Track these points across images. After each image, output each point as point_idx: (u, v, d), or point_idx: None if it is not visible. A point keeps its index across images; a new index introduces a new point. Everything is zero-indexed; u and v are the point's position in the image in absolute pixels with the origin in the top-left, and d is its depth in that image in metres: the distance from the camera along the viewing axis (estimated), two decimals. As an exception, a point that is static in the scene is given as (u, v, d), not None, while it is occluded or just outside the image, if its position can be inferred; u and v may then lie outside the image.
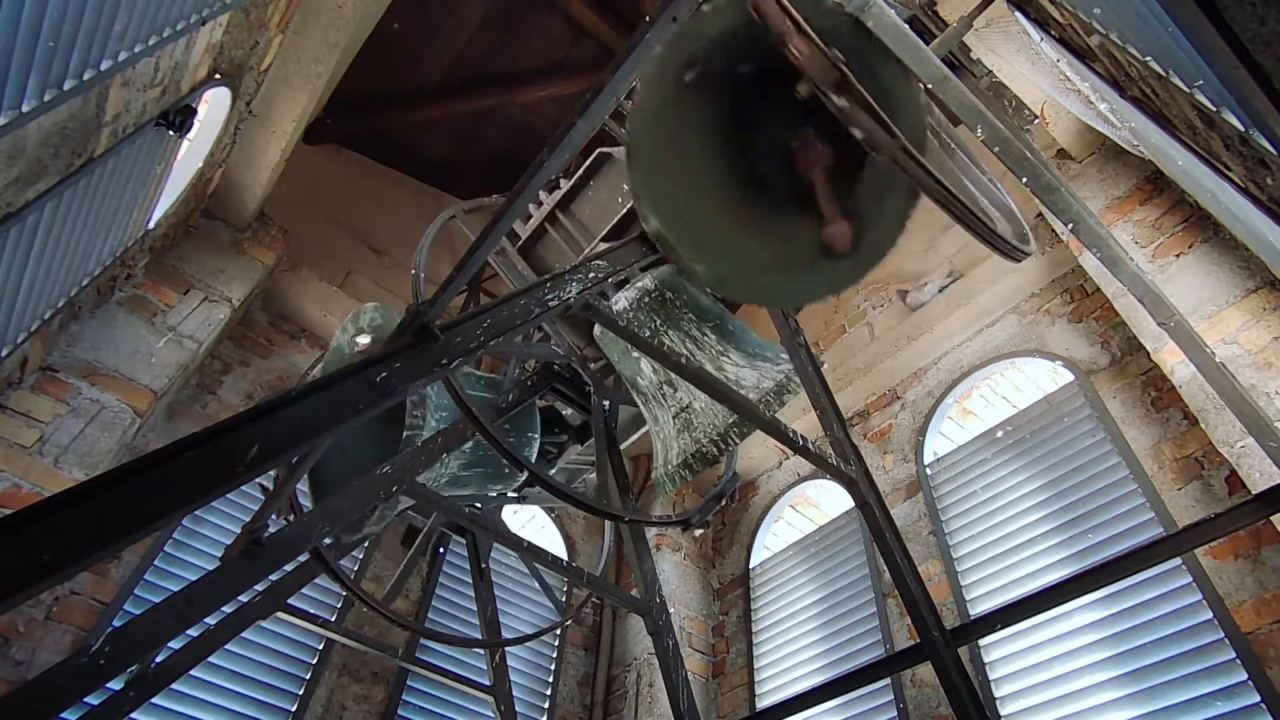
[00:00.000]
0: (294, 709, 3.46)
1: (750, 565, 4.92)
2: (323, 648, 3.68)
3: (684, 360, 1.87)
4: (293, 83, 3.68)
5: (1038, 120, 2.33)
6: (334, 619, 3.72)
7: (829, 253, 1.47)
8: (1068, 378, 3.76)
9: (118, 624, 2.98)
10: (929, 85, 1.44)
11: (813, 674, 3.96)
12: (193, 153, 3.54)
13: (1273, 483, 1.57)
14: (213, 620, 1.98)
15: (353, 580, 3.87)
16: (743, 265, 1.62)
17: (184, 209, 3.85)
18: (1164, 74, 1.54)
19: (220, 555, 1.75)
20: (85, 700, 1.57)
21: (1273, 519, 2.47)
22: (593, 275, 1.76)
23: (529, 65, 5.50)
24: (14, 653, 2.87)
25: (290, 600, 2.42)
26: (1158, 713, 2.61)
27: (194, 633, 1.99)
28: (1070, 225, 1.57)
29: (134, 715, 2.01)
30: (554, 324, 2.78)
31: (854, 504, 2.22)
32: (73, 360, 3.30)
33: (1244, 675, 2.47)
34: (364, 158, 5.74)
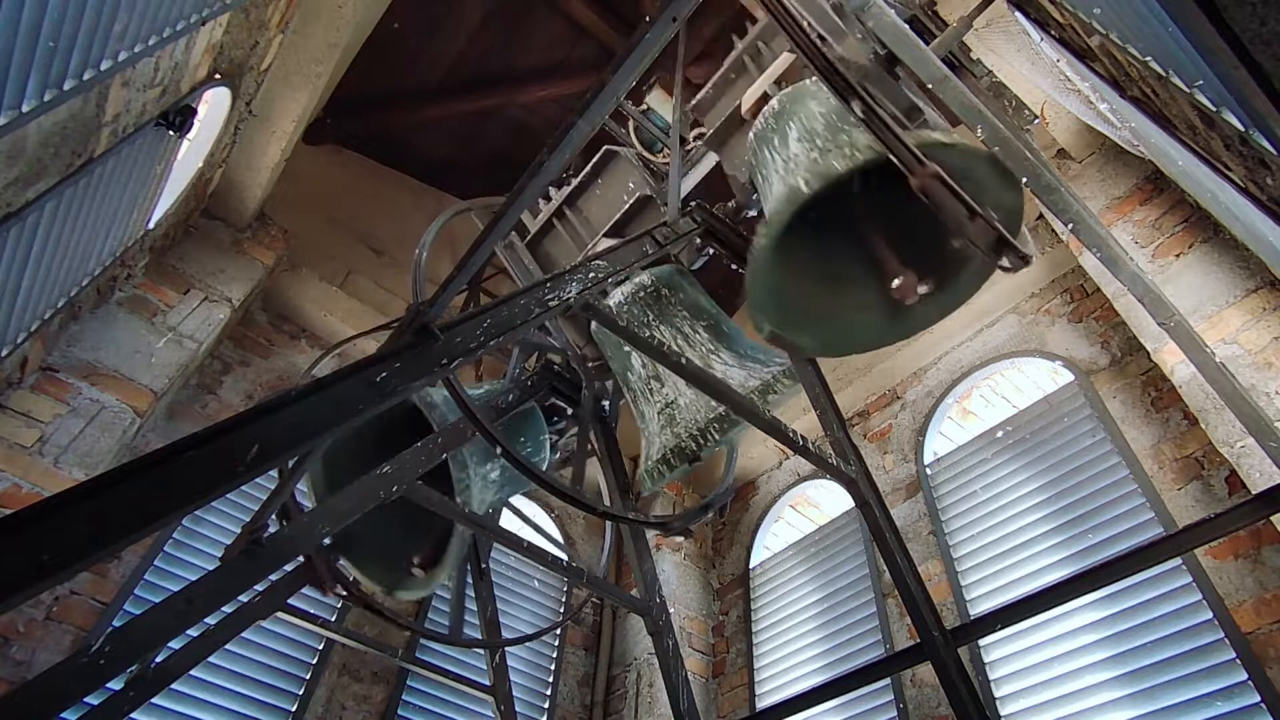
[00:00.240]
0: (294, 709, 3.46)
1: (750, 565, 4.92)
2: (323, 648, 3.67)
3: (680, 360, 1.86)
4: (293, 83, 3.68)
5: (1038, 120, 2.33)
6: (334, 619, 3.71)
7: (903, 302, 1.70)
8: (1068, 378, 3.76)
9: (118, 624, 2.97)
10: (929, 85, 1.44)
11: (813, 674, 3.96)
12: (193, 153, 3.54)
13: (1273, 483, 1.56)
14: (213, 620, 1.97)
15: (352, 580, 3.88)
16: (841, 333, 1.94)
17: (184, 209, 3.85)
18: (1164, 74, 1.54)
19: (220, 555, 1.75)
20: (85, 700, 1.57)
21: (1273, 519, 2.47)
22: (593, 275, 1.77)
23: (529, 65, 5.50)
24: (14, 653, 2.87)
25: (290, 600, 2.41)
26: (1158, 713, 2.61)
27: (194, 633, 1.99)
28: (1070, 225, 1.57)
29: (134, 715, 2.00)
30: (554, 321, 2.78)
31: (854, 504, 2.22)
32: (73, 360, 3.30)
33: (1244, 675, 2.47)
34: (364, 158, 5.74)
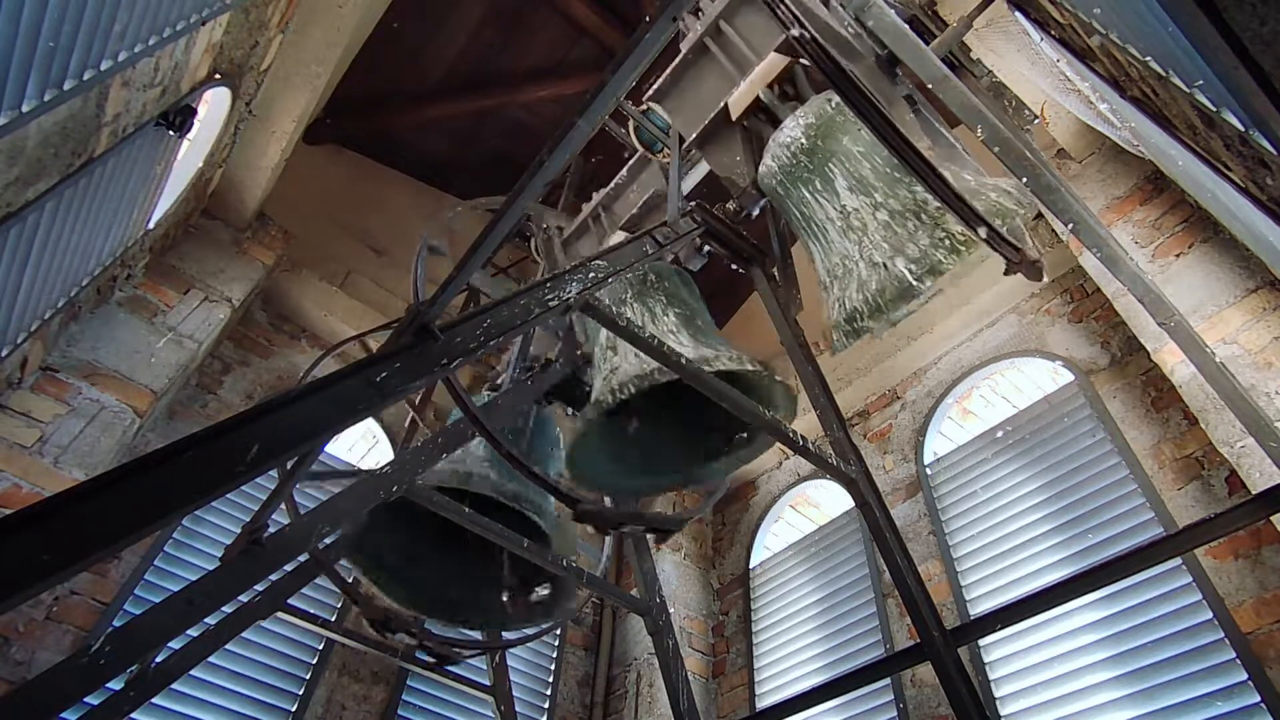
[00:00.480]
0: (294, 709, 3.46)
1: (750, 565, 4.92)
2: (323, 648, 3.67)
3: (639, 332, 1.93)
4: (293, 83, 3.68)
5: (1038, 120, 2.34)
6: (334, 619, 3.71)
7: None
8: (1068, 378, 3.76)
9: (118, 624, 2.97)
10: (929, 85, 1.44)
11: (813, 674, 3.96)
12: (193, 153, 3.54)
13: (1273, 483, 1.56)
14: (213, 620, 1.98)
15: (352, 581, 3.88)
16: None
17: (184, 209, 3.85)
18: (1164, 74, 1.54)
19: (220, 555, 1.75)
20: (85, 700, 1.57)
21: (1273, 519, 2.47)
22: (593, 275, 1.76)
23: (529, 65, 5.50)
24: (14, 653, 2.87)
25: (290, 600, 2.42)
26: (1158, 713, 2.61)
27: (194, 633, 1.99)
28: (1070, 225, 1.57)
29: (134, 715, 2.01)
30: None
31: (854, 504, 2.22)
32: (73, 360, 3.30)
33: (1244, 675, 2.47)
34: (364, 158, 5.74)
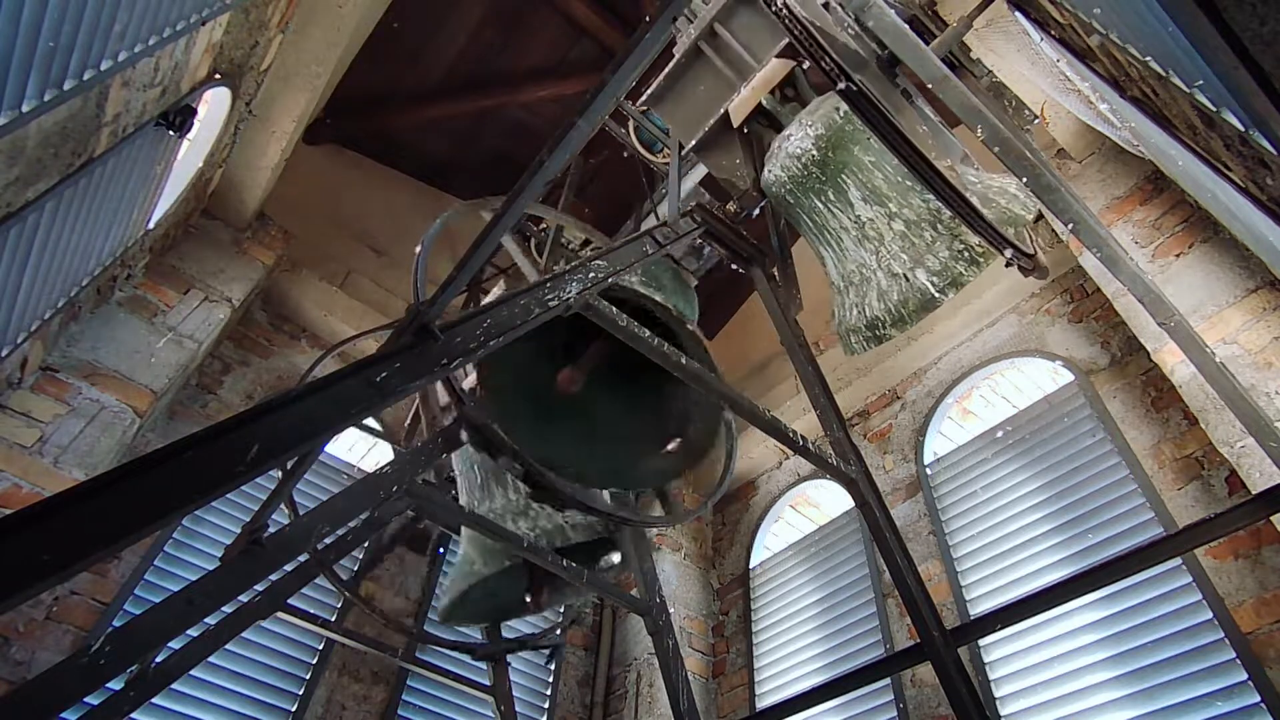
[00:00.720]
0: (294, 709, 3.46)
1: (750, 565, 4.92)
2: (323, 648, 3.67)
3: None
4: (293, 83, 3.68)
5: (1038, 120, 2.34)
6: (334, 619, 3.71)
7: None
8: (1068, 378, 3.76)
9: (118, 624, 2.97)
10: (929, 85, 1.44)
11: (813, 674, 3.96)
12: (193, 153, 3.54)
13: (1273, 483, 1.56)
14: (213, 620, 1.98)
15: (352, 581, 3.88)
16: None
17: (184, 209, 3.85)
18: (1164, 74, 1.54)
19: (220, 555, 1.75)
20: (85, 700, 1.57)
21: (1273, 519, 2.47)
22: (593, 275, 1.77)
23: (529, 65, 5.50)
24: (14, 653, 2.87)
25: (290, 600, 2.42)
26: (1158, 713, 2.61)
27: (194, 633, 1.99)
28: (1070, 225, 1.57)
29: (134, 715, 2.01)
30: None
31: (854, 504, 2.22)
32: (73, 360, 3.30)
33: (1244, 675, 2.47)
34: (364, 158, 5.74)
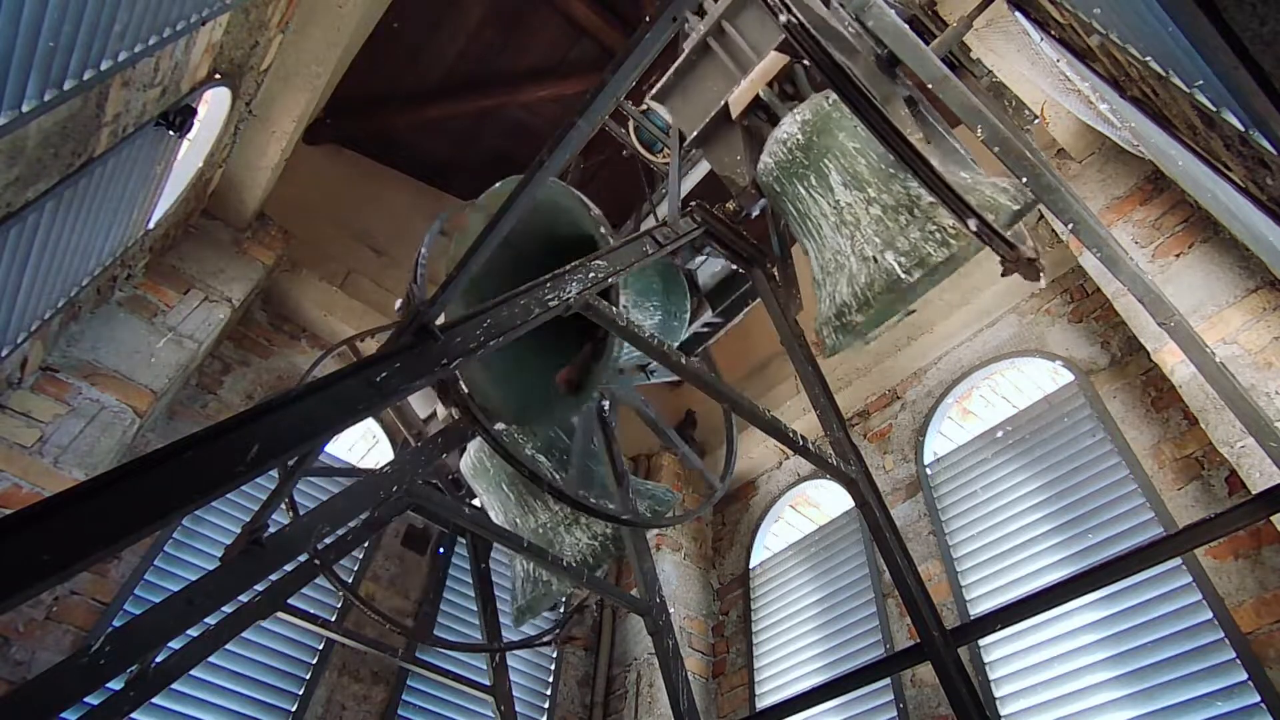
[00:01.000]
0: (294, 709, 3.46)
1: (750, 565, 4.92)
2: (323, 648, 3.67)
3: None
4: (293, 83, 3.68)
5: (1038, 120, 2.34)
6: (334, 619, 3.71)
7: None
8: (1068, 378, 3.76)
9: (118, 624, 2.97)
10: (929, 85, 1.44)
11: (813, 674, 3.96)
12: (193, 153, 3.54)
13: (1273, 483, 1.57)
14: (213, 620, 1.98)
15: (353, 581, 3.88)
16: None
17: (184, 209, 3.85)
18: (1164, 74, 1.54)
19: (220, 555, 1.75)
20: (85, 700, 1.57)
21: (1273, 519, 2.47)
22: (592, 275, 1.77)
23: (529, 65, 5.50)
24: (14, 653, 2.87)
25: (290, 600, 2.42)
26: (1158, 713, 2.61)
27: (194, 633, 1.99)
28: (1070, 225, 1.57)
29: (134, 715, 2.01)
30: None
31: (854, 504, 2.22)
32: (73, 360, 3.30)
33: (1244, 675, 2.47)
34: (364, 158, 5.74)
